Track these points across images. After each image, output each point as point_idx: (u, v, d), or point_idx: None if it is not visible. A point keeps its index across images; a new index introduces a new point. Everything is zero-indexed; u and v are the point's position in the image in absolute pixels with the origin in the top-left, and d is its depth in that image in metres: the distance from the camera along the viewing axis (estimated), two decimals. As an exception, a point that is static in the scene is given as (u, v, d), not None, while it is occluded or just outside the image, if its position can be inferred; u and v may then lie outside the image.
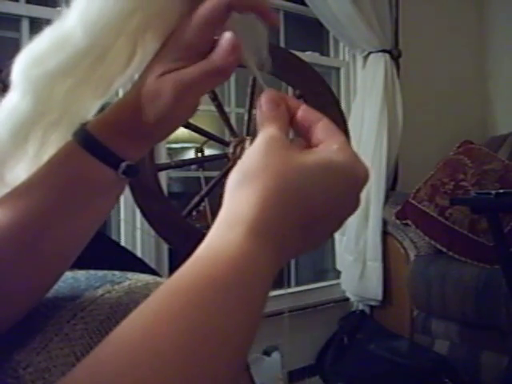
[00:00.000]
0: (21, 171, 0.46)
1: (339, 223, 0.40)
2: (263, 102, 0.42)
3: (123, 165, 0.44)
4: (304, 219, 0.37)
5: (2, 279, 0.40)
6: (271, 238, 0.35)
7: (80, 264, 0.53)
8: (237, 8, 0.43)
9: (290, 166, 0.37)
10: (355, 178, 0.39)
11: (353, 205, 0.40)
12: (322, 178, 0.38)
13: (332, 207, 0.38)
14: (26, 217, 0.42)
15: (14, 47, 0.52)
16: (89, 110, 0.48)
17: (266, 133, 0.40)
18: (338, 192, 0.38)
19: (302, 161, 0.38)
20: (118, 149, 0.44)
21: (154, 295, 0.32)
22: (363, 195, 2.40)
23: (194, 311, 0.31)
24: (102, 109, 0.47)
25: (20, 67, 0.44)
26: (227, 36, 0.42)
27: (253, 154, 0.38)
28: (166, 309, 0.31)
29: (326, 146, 0.40)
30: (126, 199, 1.81)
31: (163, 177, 1.83)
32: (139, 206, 1.45)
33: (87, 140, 0.44)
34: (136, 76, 0.47)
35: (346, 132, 1.72)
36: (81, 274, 0.51)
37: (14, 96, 0.44)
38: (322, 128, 0.41)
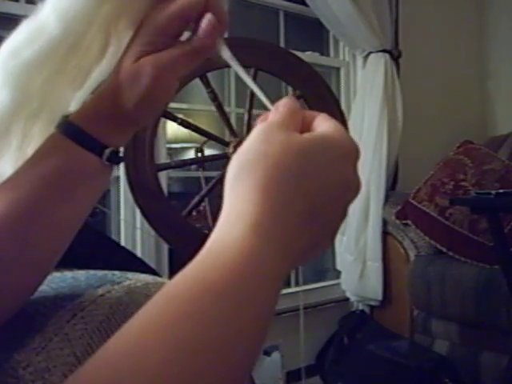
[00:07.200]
0: (6, 165, 0.47)
1: (343, 205, 0.38)
2: (283, 103, 0.40)
3: (107, 151, 0.45)
4: (309, 204, 0.35)
5: None
6: (277, 232, 0.33)
7: (80, 264, 0.53)
8: (210, 8, 0.44)
9: (289, 149, 0.35)
10: (348, 149, 0.38)
11: (353, 182, 0.38)
12: (320, 154, 0.36)
13: (333, 184, 0.36)
14: (15, 209, 0.42)
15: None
16: (68, 102, 0.48)
17: (266, 121, 0.38)
18: (336, 166, 0.37)
19: (299, 140, 0.36)
20: (100, 135, 0.45)
21: (147, 305, 0.30)
22: (363, 195, 2.40)
23: (187, 322, 0.28)
24: None
25: None
26: (209, 17, 0.44)
27: (249, 144, 0.36)
28: (156, 320, 0.28)
29: (319, 125, 0.39)
30: (125, 199, 1.81)
31: (163, 177, 1.83)
32: (139, 206, 1.45)
33: (69, 129, 0.45)
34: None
35: (345, 132, 1.71)
36: (81, 274, 0.51)
37: None
38: (319, 116, 0.40)
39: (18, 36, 0.45)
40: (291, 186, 0.34)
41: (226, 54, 0.45)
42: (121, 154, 0.47)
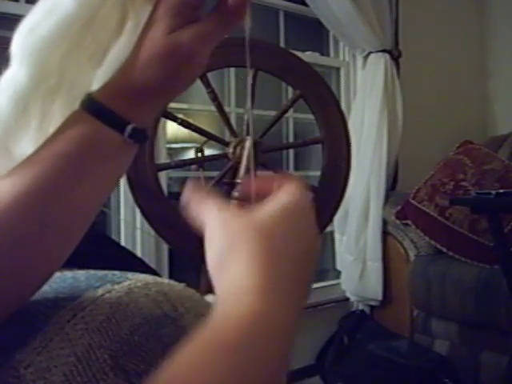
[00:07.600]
0: (27, 144, 0.46)
1: (316, 249, 0.42)
2: (187, 198, 0.43)
3: (129, 127, 0.44)
4: (294, 258, 0.38)
5: (6, 255, 0.40)
6: (280, 286, 0.36)
7: (80, 263, 0.53)
8: None
9: (256, 223, 0.39)
10: (307, 205, 0.42)
11: (315, 231, 0.42)
12: (287, 218, 0.40)
13: (307, 237, 0.41)
14: (34, 187, 0.41)
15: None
16: (88, 79, 0.48)
17: (212, 219, 0.41)
18: (304, 221, 0.41)
19: (264, 213, 0.40)
20: (124, 112, 0.44)
21: (167, 364, 0.31)
22: (363, 195, 2.41)
23: (202, 377, 0.30)
24: None
25: (17, 38, 0.45)
26: None
27: (216, 235, 0.39)
28: (173, 377, 0.30)
29: (279, 191, 0.42)
30: (125, 199, 1.81)
31: (163, 177, 1.84)
32: (139, 206, 1.45)
33: (91, 105, 0.44)
34: None
35: (346, 132, 1.72)
36: (81, 274, 0.51)
37: (12, 67, 0.45)
38: (273, 182, 0.43)
39: (35, 14, 0.45)
40: (276, 251, 0.38)
41: (247, 24, 0.45)
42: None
